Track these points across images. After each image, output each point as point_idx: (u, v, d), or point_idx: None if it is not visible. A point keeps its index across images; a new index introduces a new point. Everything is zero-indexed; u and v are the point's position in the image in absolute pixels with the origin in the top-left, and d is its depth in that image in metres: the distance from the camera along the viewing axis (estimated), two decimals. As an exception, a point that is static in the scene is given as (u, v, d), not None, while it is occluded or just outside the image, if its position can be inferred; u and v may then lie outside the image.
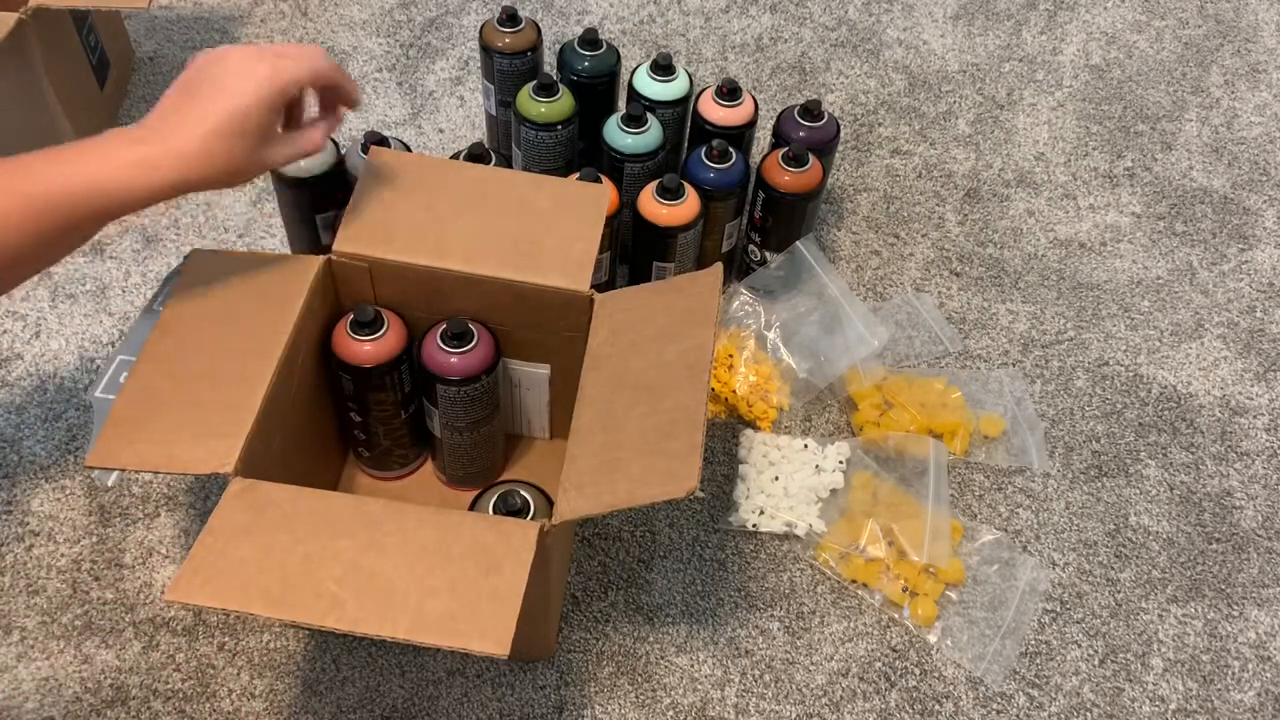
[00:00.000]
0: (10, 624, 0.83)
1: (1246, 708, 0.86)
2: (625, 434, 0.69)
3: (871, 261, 1.12)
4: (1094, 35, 1.38)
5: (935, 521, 0.89)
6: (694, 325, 0.73)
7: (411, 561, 0.63)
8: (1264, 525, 0.96)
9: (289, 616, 0.61)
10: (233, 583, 0.62)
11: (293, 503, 0.66)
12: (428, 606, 0.61)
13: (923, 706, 0.84)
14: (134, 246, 1.07)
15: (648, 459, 0.67)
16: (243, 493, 0.66)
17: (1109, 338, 1.08)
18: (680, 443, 0.66)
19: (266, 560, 0.63)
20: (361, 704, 0.82)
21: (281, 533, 0.64)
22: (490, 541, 0.64)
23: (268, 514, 0.65)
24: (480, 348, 0.79)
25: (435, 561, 0.63)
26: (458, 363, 0.78)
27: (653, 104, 1.01)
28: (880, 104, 1.28)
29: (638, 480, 0.66)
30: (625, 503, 0.65)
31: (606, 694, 0.83)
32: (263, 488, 0.66)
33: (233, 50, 0.70)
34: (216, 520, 0.64)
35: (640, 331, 0.75)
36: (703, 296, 0.75)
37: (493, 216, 0.80)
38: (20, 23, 0.94)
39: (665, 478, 0.65)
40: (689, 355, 0.71)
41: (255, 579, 0.62)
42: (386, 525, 0.65)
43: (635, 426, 0.69)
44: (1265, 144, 1.27)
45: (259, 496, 0.66)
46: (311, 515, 0.65)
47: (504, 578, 0.62)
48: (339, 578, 0.62)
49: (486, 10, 1.33)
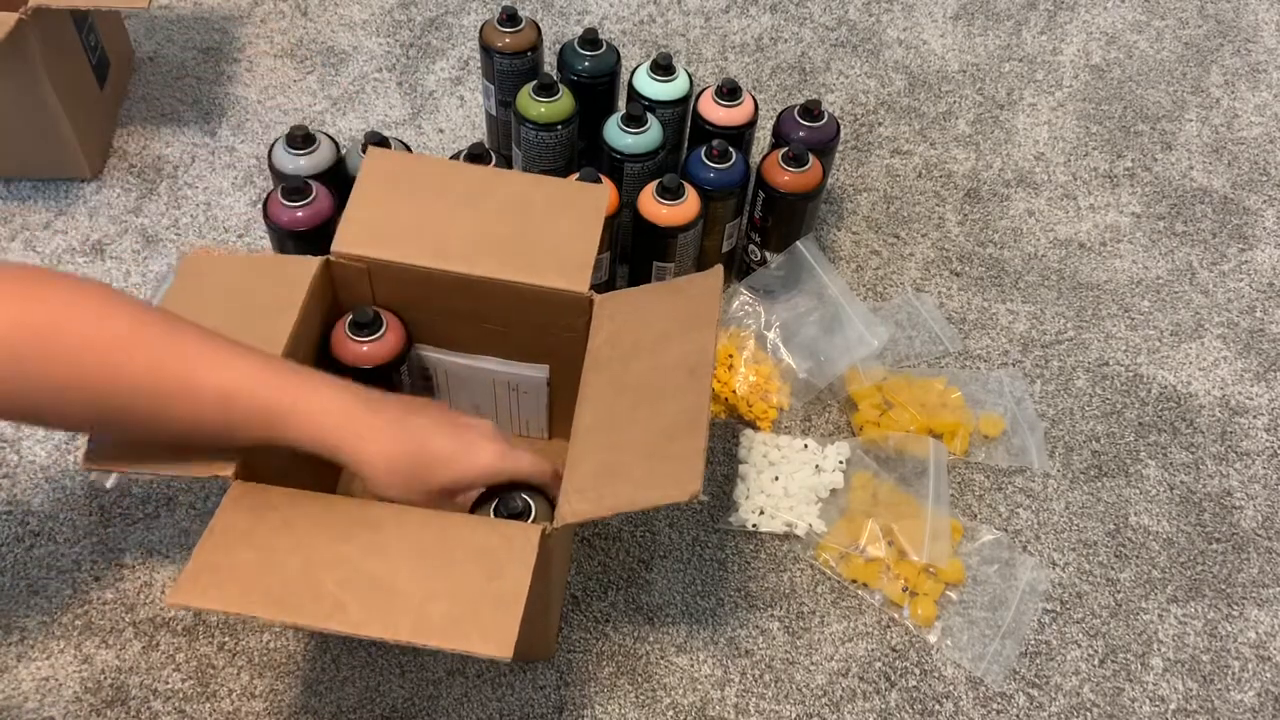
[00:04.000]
0: (10, 624, 0.83)
1: (1246, 708, 0.86)
2: (627, 437, 0.69)
3: (871, 261, 1.12)
4: (1094, 35, 1.38)
5: (935, 521, 0.89)
6: (695, 327, 0.73)
7: (413, 564, 0.63)
8: (1264, 525, 0.96)
9: (291, 619, 0.61)
10: (234, 586, 0.62)
11: (293, 506, 0.66)
12: (430, 609, 0.61)
13: (923, 706, 0.84)
14: (134, 246, 1.07)
15: (650, 463, 0.67)
16: (243, 496, 0.66)
17: (1109, 338, 1.08)
18: (683, 446, 0.66)
19: (268, 563, 0.63)
20: (361, 704, 0.82)
21: (282, 536, 0.64)
22: (492, 545, 0.64)
23: (268, 517, 0.65)
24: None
25: (437, 564, 0.63)
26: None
27: (653, 104, 1.01)
28: (880, 104, 1.28)
29: (640, 484, 0.66)
30: (627, 506, 0.65)
31: (606, 694, 0.83)
32: (263, 491, 0.66)
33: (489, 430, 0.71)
34: (217, 524, 0.64)
35: (641, 333, 0.75)
36: (703, 298, 0.75)
37: (491, 217, 0.80)
38: (20, 23, 0.94)
39: (667, 482, 0.65)
40: (690, 358, 0.71)
41: (257, 582, 0.62)
42: (388, 528, 0.65)
43: (637, 429, 0.69)
44: (1265, 144, 1.27)
45: (259, 500, 0.66)
46: (312, 518, 0.65)
47: (506, 581, 0.62)
48: (341, 580, 0.62)
49: (486, 10, 1.33)
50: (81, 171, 1.11)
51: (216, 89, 1.22)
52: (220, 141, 1.17)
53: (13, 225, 1.08)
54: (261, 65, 1.25)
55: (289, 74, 1.24)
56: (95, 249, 1.07)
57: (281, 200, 0.91)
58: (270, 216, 0.92)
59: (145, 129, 1.17)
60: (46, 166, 1.10)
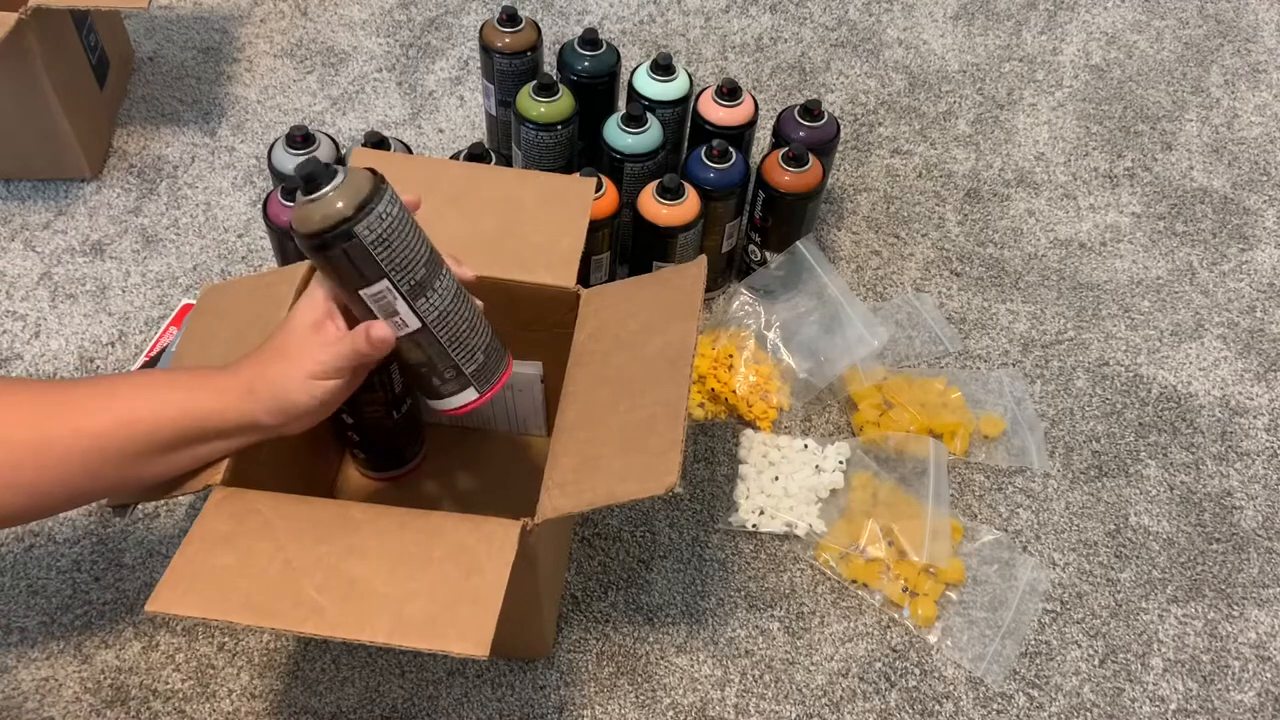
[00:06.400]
0: (10, 624, 0.83)
1: (1246, 708, 0.86)
2: (607, 431, 0.69)
3: (871, 261, 1.12)
4: (1094, 35, 1.38)
5: (935, 521, 0.89)
6: (676, 319, 0.73)
7: (392, 565, 0.63)
8: (1264, 525, 0.96)
9: (268, 624, 0.60)
10: (213, 592, 0.61)
11: (275, 509, 0.66)
12: (408, 610, 0.61)
13: (923, 707, 0.84)
14: (134, 246, 1.07)
15: (628, 456, 0.66)
16: (224, 500, 0.66)
17: (1109, 338, 1.08)
18: (661, 439, 0.66)
19: (247, 568, 0.62)
20: (361, 704, 0.82)
21: (263, 540, 0.64)
22: (472, 543, 0.64)
23: (249, 521, 0.65)
24: None
25: (416, 564, 0.63)
26: None
27: (653, 104, 1.01)
28: (880, 104, 1.28)
29: (617, 477, 0.66)
30: (605, 500, 0.65)
31: (606, 694, 0.83)
32: (245, 495, 0.66)
33: None
34: (198, 529, 0.64)
35: (624, 326, 0.75)
36: (686, 289, 0.75)
37: (479, 214, 0.80)
38: (20, 23, 0.94)
39: (645, 474, 0.65)
40: (670, 349, 0.71)
41: (236, 587, 0.61)
42: (367, 530, 0.65)
43: (617, 423, 0.69)
44: (1265, 144, 1.27)
45: (241, 504, 0.66)
46: (293, 521, 0.65)
47: (485, 578, 0.62)
48: (319, 584, 0.62)
49: (486, 10, 1.33)
50: (81, 171, 1.11)
51: (216, 89, 1.22)
52: (220, 141, 1.17)
53: (13, 225, 1.08)
54: (261, 65, 1.25)
55: (289, 74, 1.24)
56: (95, 249, 1.07)
57: (281, 200, 0.91)
58: (270, 216, 0.92)
59: (145, 129, 1.18)
60: (46, 166, 1.10)
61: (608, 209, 0.95)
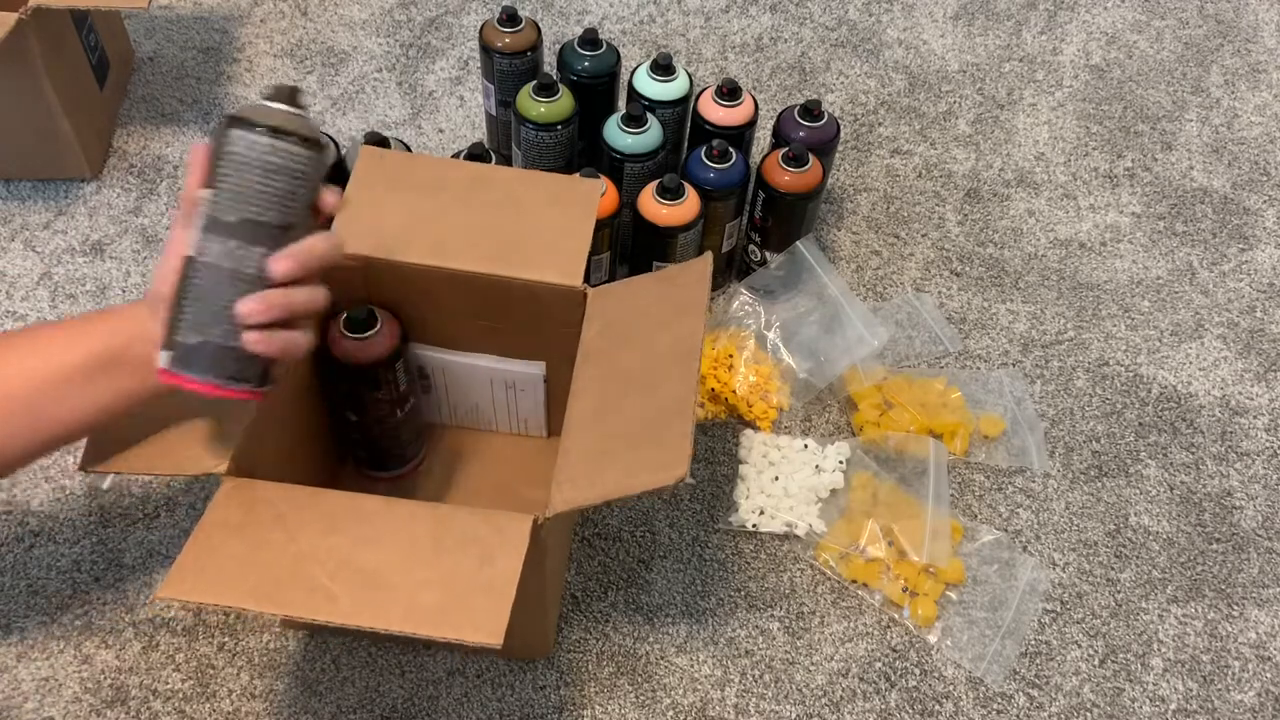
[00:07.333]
0: (10, 624, 0.83)
1: (1246, 708, 0.86)
2: (616, 426, 0.69)
3: (871, 261, 1.12)
4: (1094, 35, 1.38)
5: (935, 521, 0.89)
6: (683, 315, 0.73)
7: (404, 555, 0.63)
8: (1264, 525, 0.96)
9: (281, 611, 0.61)
10: (224, 579, 0.62)
11: (285, 500, 0.66)
12: (420, 599, 0.61)
13: (923, 707, 0.84)
14: (134, 246, 1.07)
15: (638, 449, 0.67)
16: (235, 490, 0.66)
17: (1109, 338, 1.08)
18: (670, 432, 0.66)
19: (258, 556, 0.63)
20: (361, 704, 0.82)
21: (274, 529, 0.64)
22: (484, 534, 0.64)
23: (259, 511, 0.65)
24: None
25: (428, 555, 0.63)
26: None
27: (653, 104, 1.01)
28: (880, 104, 1.28)
29: (628, 470, 0.66)
30: (616, 492, 0.65)
31: (606, 694, 0.83)
32: (255, 485, 0.66)
33: None
34: (209, 518, 0.64)
35: (632, 324, 0.75)
36: (692, 286, 0.75)
37: (485, 214, 0.80)
38: (20, 23, 0.94)
39: (655, 467, 0.65)
40: (679, 344, 0.71)
41: (247, 575, 0.62)
42: (379, 520, 0.65)
43: (626, 418, 0.69)
44: (1265, 144, 1.27)
45: (251, 494, 0.66)
46: (304, 511, 0.65)
47: (497, 570, 0.62)
48: (331, 573, 0.62)
49: (486, 10, 1.33)
50: (81, 171, 1.11)
51: (216, 89, 1.22)
52: (220, 141, 1.17)
53: (13, 225, 1.08)
54: (261, 65, 1.25)
55: (289, 74, 1.24)
56: (95, 249, 1.07)
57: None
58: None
59: (145, 129, 1.18)
60: (46, 166, 1.10)
61: (608, 209, 0.95)
